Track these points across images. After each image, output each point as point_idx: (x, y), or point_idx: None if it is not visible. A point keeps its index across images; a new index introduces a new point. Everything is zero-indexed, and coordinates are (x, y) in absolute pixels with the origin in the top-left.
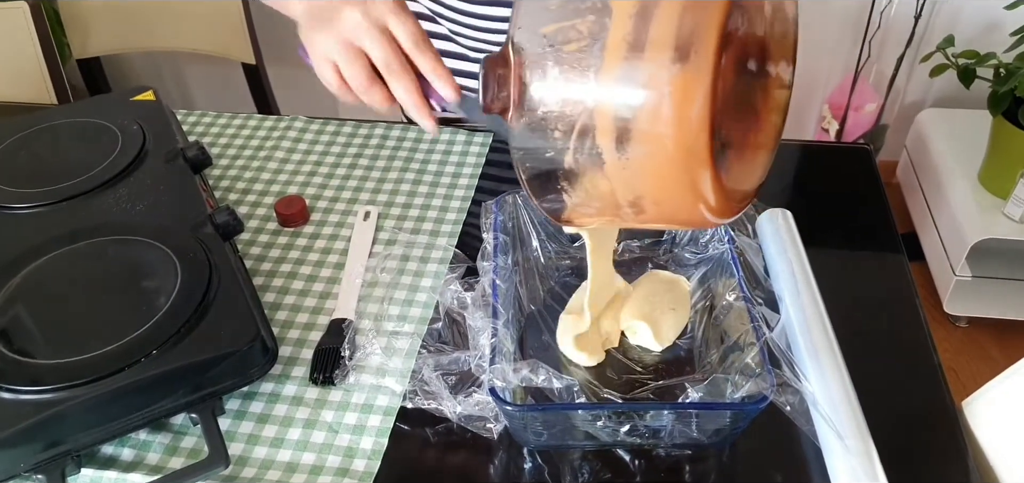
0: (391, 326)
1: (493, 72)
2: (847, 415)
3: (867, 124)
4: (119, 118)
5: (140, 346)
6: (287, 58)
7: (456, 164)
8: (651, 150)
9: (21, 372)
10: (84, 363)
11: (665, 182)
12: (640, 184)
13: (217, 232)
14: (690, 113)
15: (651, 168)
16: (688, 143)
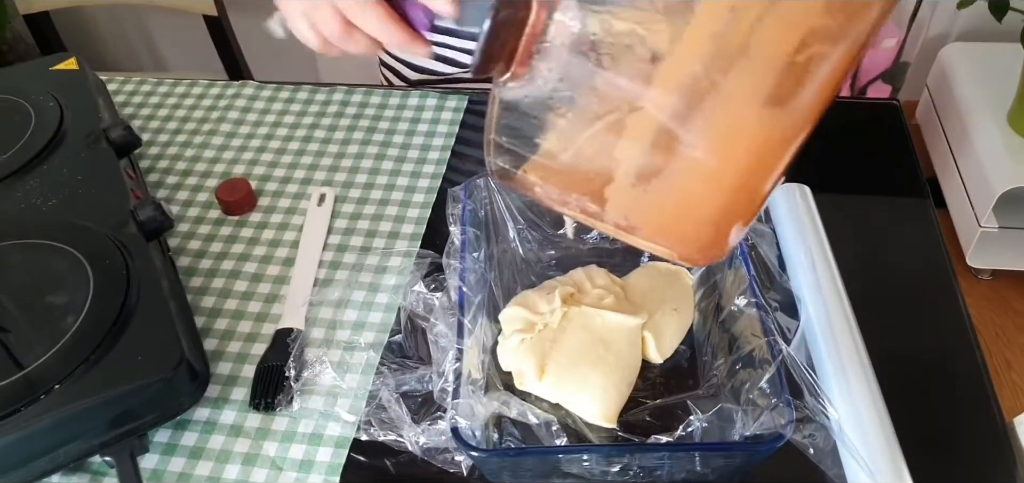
0: (346, 336)
1: (507, 14)
2: (880, 448)
3: (886, 62)
4: (34, 93)
5: (39, 381)
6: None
7: (425, 135)
8: (682, 193)
9: None
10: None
11: (679, 228)
12: (645, 219)
13: (140, 231)
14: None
15: (670, 208)
16: (737, 205)
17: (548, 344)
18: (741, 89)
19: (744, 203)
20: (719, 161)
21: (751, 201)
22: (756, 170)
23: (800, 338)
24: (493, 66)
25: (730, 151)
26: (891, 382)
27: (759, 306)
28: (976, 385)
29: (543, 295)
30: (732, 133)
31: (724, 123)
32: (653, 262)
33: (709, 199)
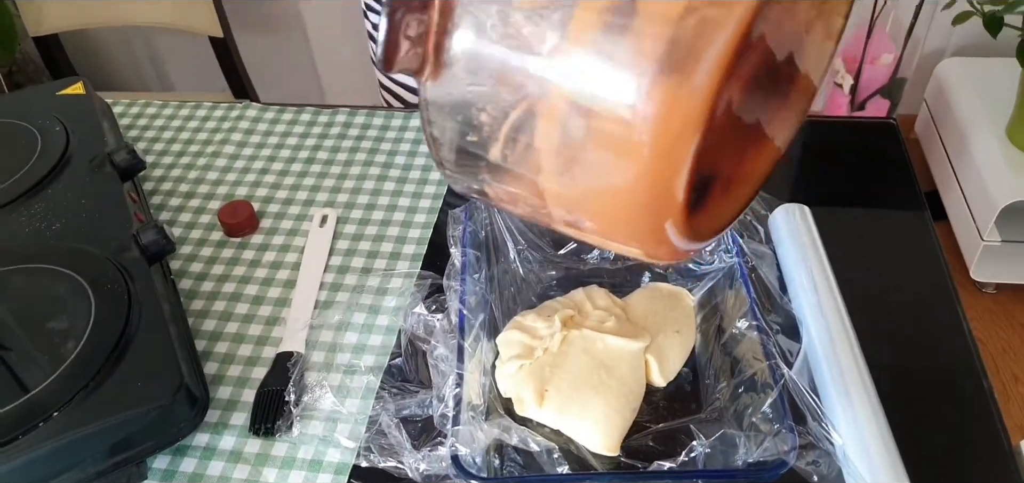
0: (346, 360)
1: (406, 13)
2: (885, 473)
3: (883, 77)
4: (41, 117)
5: (39, 407)
6: (261, 28)
7: (426, 156)
8: (603, 173)
9: None
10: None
11: (614, 215)
12: (581, 207)
13: (143, 254)
14: (670, 142)
15: (598, 193)
16: (658, 179)
17: (548, 369)
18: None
19: (663, 194)
20: (625, 137)
21: (669, 194)
22: (662, 154)
23: (802, 360)
24: (396, 59)
25: (631, 128)
26: (894, 401)
27: (760, 329)
28: (980, 403)
29: (542, 317)
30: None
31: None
32: (654, 283)
33: (629, 183)
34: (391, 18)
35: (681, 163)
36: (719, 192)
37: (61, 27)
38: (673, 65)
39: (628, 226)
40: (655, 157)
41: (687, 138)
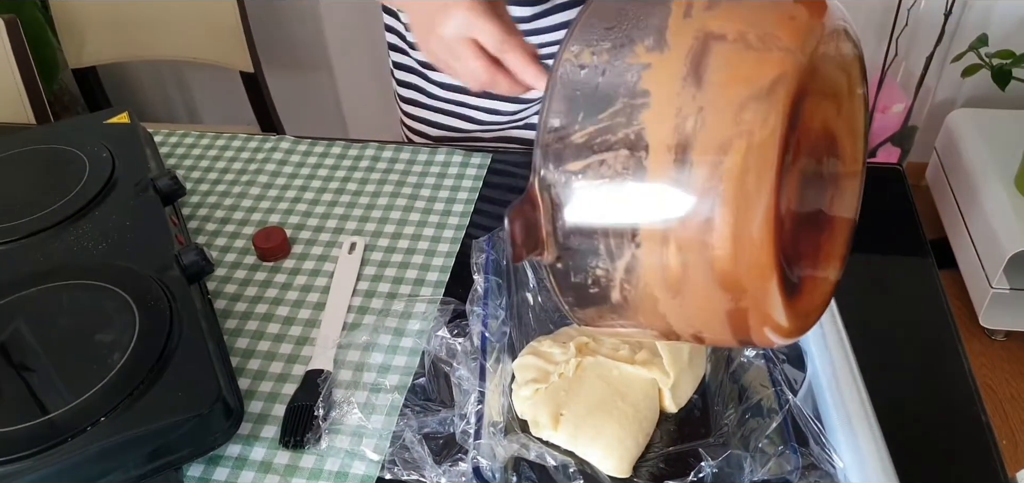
0: (372, 379)
1: (520, 217)
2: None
3: (894, 125)
4: (89, 144)
5: (87, 413)
6: (289, 65)
7: (450, 189)
8: (707, 292)
9: None
10: (23, 434)
11: (725, 320)
12: (699, 320)
13: (183, 274)
14: (752, 254)
15: (709, 307)
16: (752, 286)
17: (563, 394)
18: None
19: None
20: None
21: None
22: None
23: (807, 389)
24: (525, 257)
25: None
26: (895, 436)
27: (767, 358)
28: (979, 440)
29: (558, 343)
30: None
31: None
32: None
33: (729, 299)
34: (510, 227)
35: (768, 269)
36: (810, 274)
37: (100, 60)
38: (736, 191)
39: (743, 330)
40: (744, 269)
41: (766, 246)
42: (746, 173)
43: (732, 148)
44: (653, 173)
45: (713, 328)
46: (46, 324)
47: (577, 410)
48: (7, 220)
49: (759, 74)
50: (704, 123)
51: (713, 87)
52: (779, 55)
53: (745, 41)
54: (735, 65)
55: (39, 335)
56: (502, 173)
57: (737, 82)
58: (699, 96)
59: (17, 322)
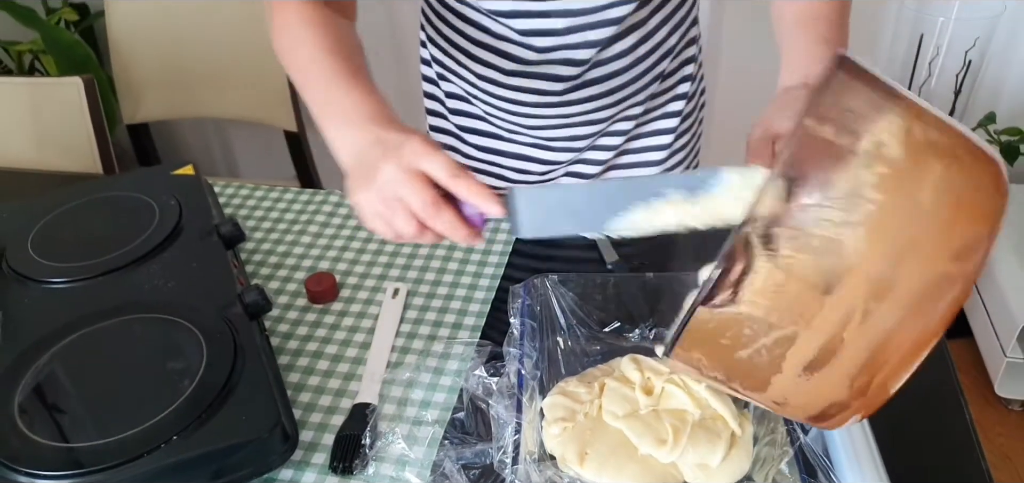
0: (414, 413)
1: (727, 269)
2: None
3: None
4: (158, 193)
5: (160, 432)
6: None
7: (487, 241)
8: (831, 390)
9: (38, 457)
10: (102, 448)
11: (822, 412)
12: (796, 399)
13: (245, 312)
14: (896, 376)
15: (816, 400)
16: (879, 397)
17: (588, 433)
18: (885, 322)
19: (877, 398)
20: (866, 375)
21: (881, 397)
22: (895, 375)
23: (816, 432)
24: (717, 304)
25: (876, 365)
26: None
27: None
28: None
29: (584, 384)
30: (879, 352)
31: (872, 345)
32: None
33: (848, 396)
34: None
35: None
36: None
37: (153, 117)
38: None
39: (825, 418)
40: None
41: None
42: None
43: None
44: (856, 276)
45: (803, 408)
46: (123, 352)
47: (601, 450)
48: (86, 259)
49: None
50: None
51: (932, 218)
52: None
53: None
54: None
55: (117, 361)
56: None
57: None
58: (916, 222)
59: (98, 350)
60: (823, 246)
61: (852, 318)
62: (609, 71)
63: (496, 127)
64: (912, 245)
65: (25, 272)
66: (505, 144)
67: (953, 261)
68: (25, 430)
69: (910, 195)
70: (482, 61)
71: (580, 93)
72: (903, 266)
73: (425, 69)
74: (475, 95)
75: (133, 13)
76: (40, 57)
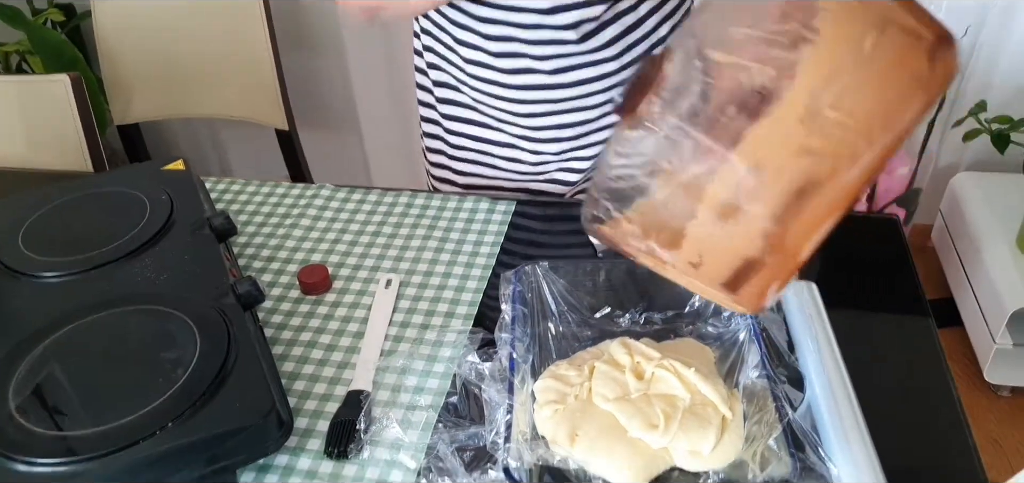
0: (408, 398)
1: (645, 75)
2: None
3: (899, 188)
4: (149, 188)
5: (155, 419)
6: (320, 124)
7: (478, 233)
8: (748, 229)
9: (37, 444)
10: (98, 436)
11: (737, 271)
12: (711, 255)
13: (238, 302)
14: (817, 226)
15: (730, 257)
16: (798, 246)
17: (578, 414)
18: (802, 171)
19: (791, 257)
20: (780, 226)
21: (795, 257)
22: (808, 230)
23: (806, 408)
24: (630, 112)
25: (790, 216)
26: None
27: (769, 376)
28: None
29: (574, 367)
30: (793, 203)
31: (787, 192)
32: (679, 339)
33: (761, 250)
34: (639, 71)
35: (805, 253)
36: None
37: (144, 117)
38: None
39: (739, 280)
40: (791, 240)
41: (812, 235)
42: (855, 162)
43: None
44: (783, 106)
45: (718, 262)
46: (117, 343)
47: (590, 431)
48: (78, 253)
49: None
50: (857, 93)
51: (876, 68)
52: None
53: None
54: (899, 64)
55: (111, 352)
56: (525, 219)
57: (895, 82)
58: (861, 69)
59: (92, 341)
60: (753, 72)
61: (772, 159)
62: (597, 59)
63: (485, 116)
64: (843, 91)
65: (16, 267)
66: (494, 134)
67: (880, 123)
68: (21, 420)
69: (852, 36)
70: (469, 45)
71: (568, 77)
72: (829, 113)
73: (417, 60)
74: (464, 82)
75: (120, 12)
76: (27, 58)
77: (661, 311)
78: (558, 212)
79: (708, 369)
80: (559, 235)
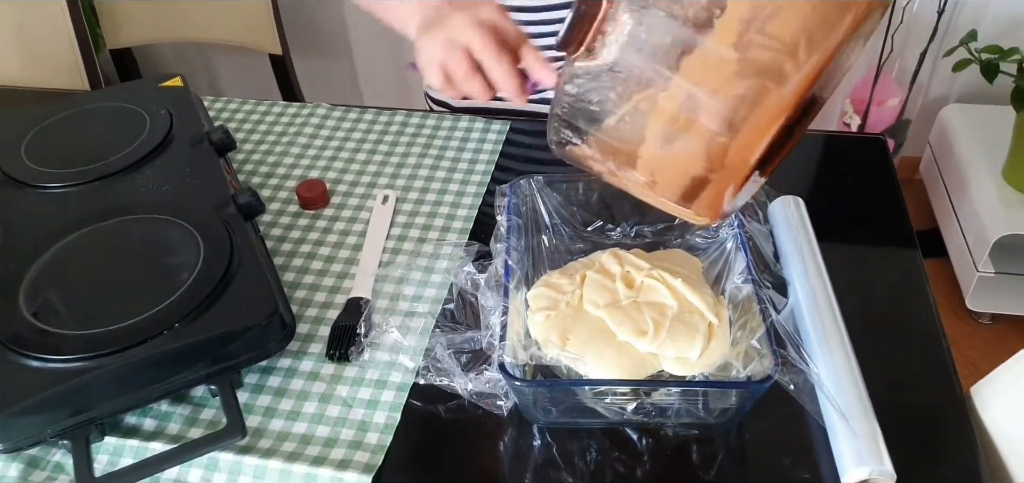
0: (406, 306)
1: (586, 11)
2: (853, 398)
3: (889, 119)
4: (148, 103)
5: (163, 319)
6: (313, 49)
7: (473, 151)
8: (692, 157)
9: (47, 342)
10: (108, 334)
11: (689, 186)
12: (662, 174)
13: (239, 212)
14: (755, 140)
15: (679, 174)
16: (739, 160)
17: (570, 320)
18: (740, 83)
19: (737, 169)
20: (719, 144)
21: (742, 169)
22: (748, 145)
23: (789, 312)
24: (573, 46)
25: (732, 131)
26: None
27: (754, 282)
28: (938, 360)
29: (566, 275)
30: (734, 116)
31: (727, 108)
32: (668, 250)
33: (706, 168)
34: (577, 8)
35: (748, 166)
36: (762, 173)
37: (136, 41)
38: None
39: (691, 196)
40: (733, 155)
41: (754, 149)
42: (785, 82)
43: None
44: (717, 34)
45: (670, 179)
46: (122, 250)
47: (580, 335)
48: (79, 166)
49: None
50: (783, 17)
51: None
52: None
53: None
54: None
55: (117, 258)
56: (519, 137)
57: (820, 5)
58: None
59: (97, 248)
60: (686, 3)
61: (709, 82)
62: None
63: None
64: (770, 16)
65: (20, 177)
66: None
67: (806, 45)
68: (35, 320)
69: None
70: None
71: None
72: (757, 37)
73: None
74: None
75: None
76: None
77: (652, 224)
78: None
79: (697, 278)
80: (554, 158)
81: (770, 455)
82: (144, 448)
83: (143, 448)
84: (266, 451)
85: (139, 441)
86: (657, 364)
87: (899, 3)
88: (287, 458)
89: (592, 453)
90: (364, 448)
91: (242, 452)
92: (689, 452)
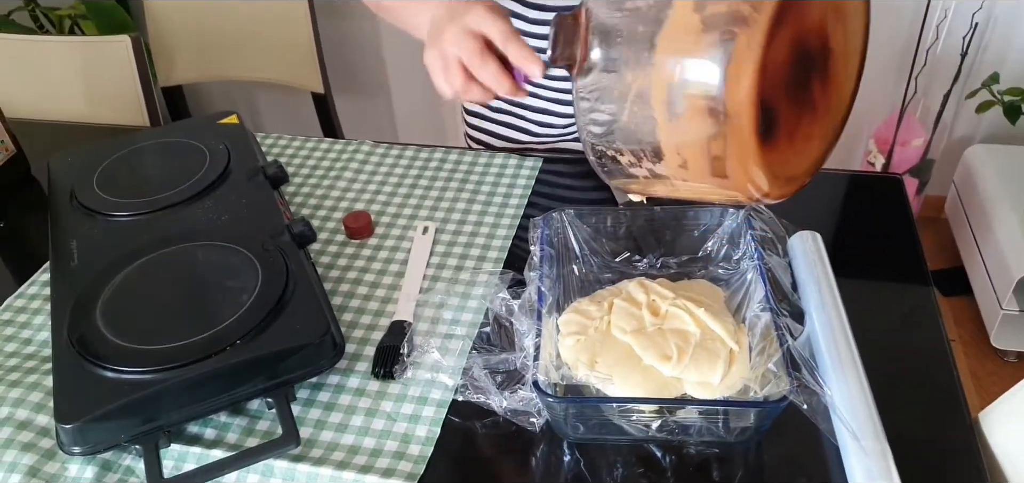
0: (445, 329)
1: (563, 28)
2: (864, 419)
3: (914, 158)
4: (207, 139)
5: (225, 336)
6: (353, 88)
7: (507, 186)
8: (700, 114)
9: (123, 356)
10: (176, 349)
11: (713, 159)
12: (687, 149)
13: (293, 240)
14: (740, 82)
15: (696, 133)
16: (735, 109)
17: (598, 345)
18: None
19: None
20: (714, 96)
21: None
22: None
23: (805, 339)
24: (560, 60)
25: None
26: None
27: (772, 310)
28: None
29: (595, 302)
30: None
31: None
32: (693, 280)
33: (714, 112)
34: (554, 30)
35: (749, 96)
36: (786, 139)
37: (187, 79)
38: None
39: (721, 168)
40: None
41: (751, 75)
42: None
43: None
44: (677, 6)
45: (695, 155)
46: (186, 273)
47: (608, 358)
48: (144, 196)
49: None
50: None
51: None
52: None
53: None
54: None
55: (182, 281)
56: (551, 174)
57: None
58: None
59: (164, 271)
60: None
61: (682, 46)
62: None
63: None
64: None
65: (93, 206)
66: (530, 98)
67: None
68: (109, 335)
69: None
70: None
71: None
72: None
73: None
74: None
75: None
76: (79, 22)
77: (677, 256)
78: (583, 168)
79: (718, 307)
80: (582, 190)
81: (786, 472)
82: (206, 455)
83: (205, 455)
84: (317, 459)
85: (201, 448)
86: (680, 388)
87: (922, 46)
88: (337, 466)
89: (619, 468)
90: (407, 458)
91: (295, 460)
92: (710, 469)
